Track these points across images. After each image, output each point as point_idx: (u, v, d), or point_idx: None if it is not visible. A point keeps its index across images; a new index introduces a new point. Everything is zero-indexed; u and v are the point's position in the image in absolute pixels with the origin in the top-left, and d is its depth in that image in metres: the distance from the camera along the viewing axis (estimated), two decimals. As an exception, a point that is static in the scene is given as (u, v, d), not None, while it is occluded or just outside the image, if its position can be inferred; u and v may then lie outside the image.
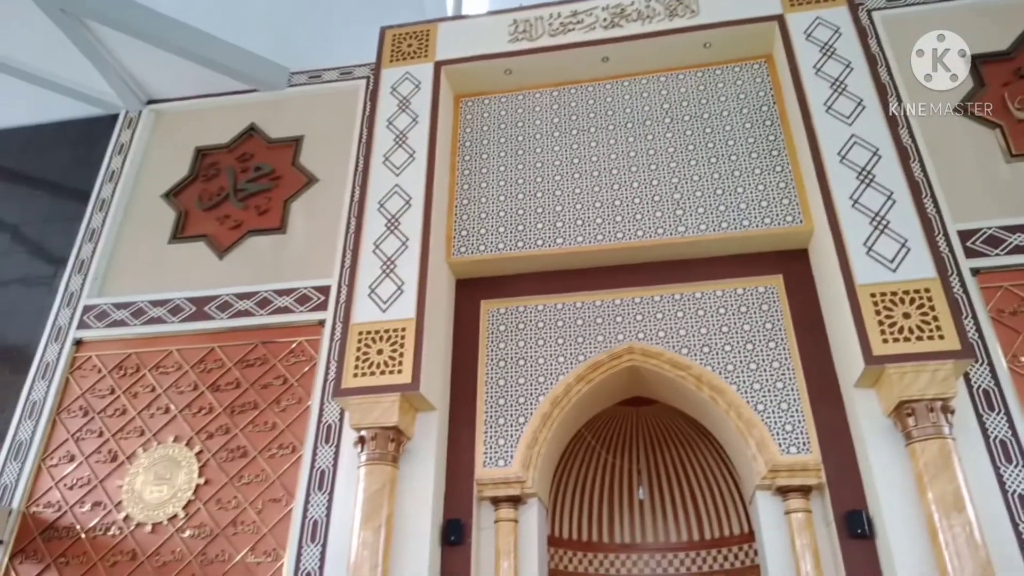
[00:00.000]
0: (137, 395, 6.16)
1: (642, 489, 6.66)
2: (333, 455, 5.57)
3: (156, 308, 6.49)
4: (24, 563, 5.64)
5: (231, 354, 6.22)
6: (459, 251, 6.17)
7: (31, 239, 7.51)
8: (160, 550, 5.49)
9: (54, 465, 6.00)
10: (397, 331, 5.39)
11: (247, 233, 6.85)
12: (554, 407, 5.64)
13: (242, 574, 5.30)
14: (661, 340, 5.71)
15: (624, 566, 6.72)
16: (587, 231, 6.02)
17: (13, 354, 6.70)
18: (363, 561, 4.73)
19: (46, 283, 7.03)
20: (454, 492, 5.48)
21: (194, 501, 5.62)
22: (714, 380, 5.44)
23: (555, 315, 6.02)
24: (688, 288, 5.87)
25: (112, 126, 7.79)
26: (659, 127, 6.38)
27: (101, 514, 5.71)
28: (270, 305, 6.34)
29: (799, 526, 4.91)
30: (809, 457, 5.08)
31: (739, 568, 6.39)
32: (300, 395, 5.94)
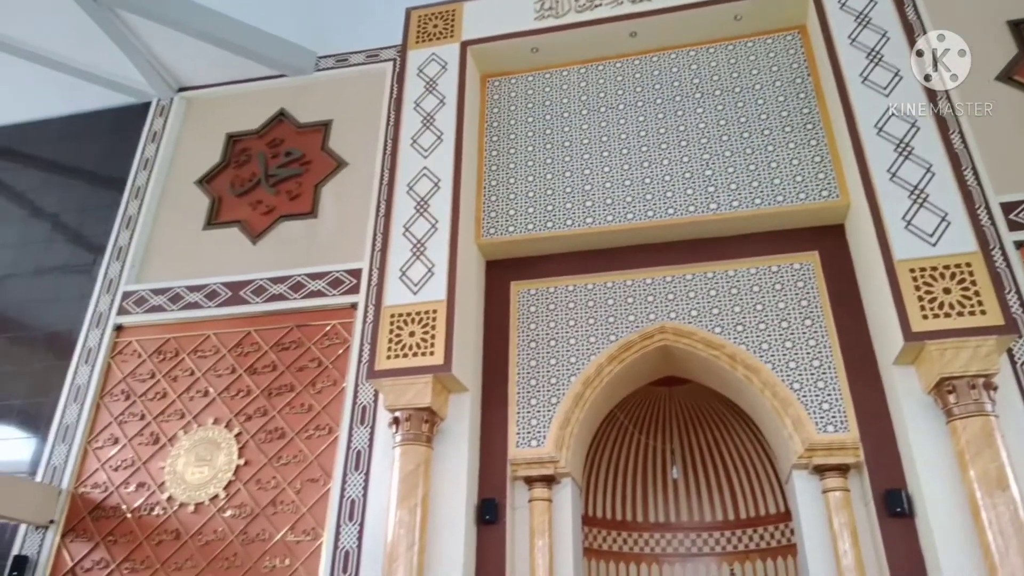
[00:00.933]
0: (177, 379, 6.30)
1: (676, 468, 6.64)
2: (368, 436, 5.65)
3: (193, 293, 6.62)
4: (75, 541, 5.84)
5: (267, 337, 6.32)
6: (488, 232, 6.17)
7: (70, 227, 7.68)
8: (202, 529, 5.64)
9: (99, 447, 6.18)
10: (428, 313, 5.42)
11: (279, 218, 6.93)
12: (586, 387, 5.64)
13: (283, 552, 5.43)
14: (694, 319, 5.66)
15: (659, 545, 6.73)
16: (617, 210, 5.96)
17: (57, 340, 6.89)
18: (400, 540, 4.80)
19: (86, 270, 7.20)
20: (488, 472, 5.52)
21: (234, 482, 5.76)
22: (748, 359, 5.38)
23: (586, 295, 5.99)
24: (721, 266, 5.79)
25: (145, 114, 7.90)
26: (689, 102, 6.27)
27: (145, 495, 5.88)
28: (303, 289, 6.42)
29: (837, 505, 4.86)
30: (847, 435, 5.01)
31: (775, 547, 6.36)
32: (335, 377, 6.02)
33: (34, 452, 6.38)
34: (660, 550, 6.71)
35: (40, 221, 7.78)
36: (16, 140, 8.39)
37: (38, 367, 6.85)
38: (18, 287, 7.42)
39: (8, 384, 6.87)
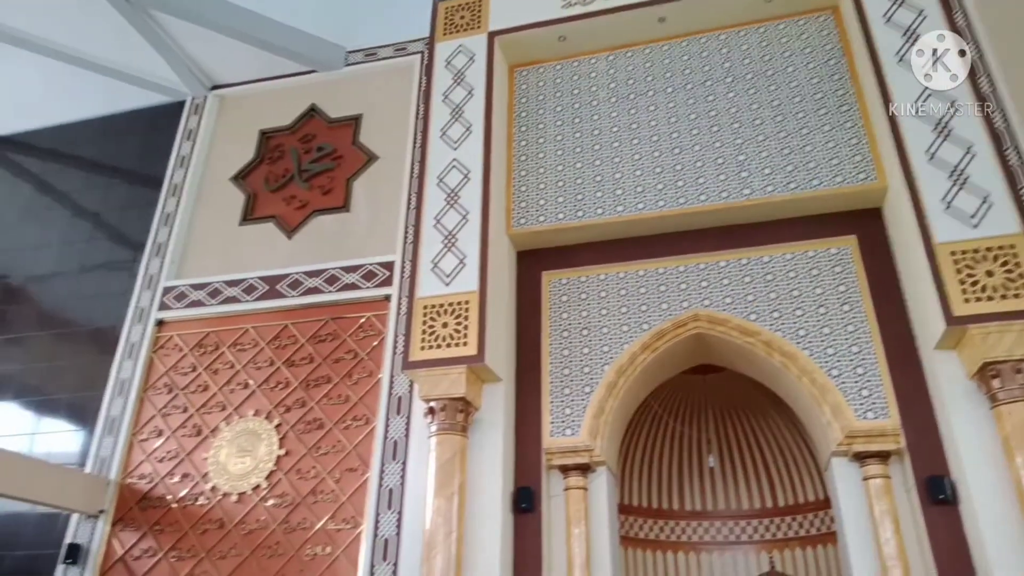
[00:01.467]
0: (217, 371, 6.45)
1: (712, 457, 6.61)
2: (404, 426, 5.72)
3: (231, 288, 6.75)
4: (124, 530, 6.02)
5: (303, 330, 6.43)
6: (519, 223, 6.18)
7: (111, 225, 7.88)
8: (246, 518, 5.78)
9: (144, 439, 6.35)
10: (461, 304, 5.45)
11: (313, 212, 7.02)
12: (619, 376, 5.64)
13: (324, 540, 5.54)
14: (728, 306, 5.61)
15: (696, 533, 6.72)
16: (648, 198, 5.93)
17: (101, 335, 7.09)
18: (438, 528, 4.87)
19: (127, 267, 7.38)
20: (523, 461, 5.56)
21: (275, 471, 5.88)
22: (785, 346, 5.32)
23: (617, 284, 5.98)
24: (755, 252, 5.73)
25: (179, 113, 8.05)
26: (720, 87, 6.19)
27: (190, 485, 6.04)
28: (338, 282, 6.50)
29: (877, 492, 4.80)
30: (887, 422, 4.93)
31: (814, 535, 6.31)
32: (370, 368, 6.10)
33: (83, 444, 6.59)
34: (697, 538, 6.70)
35: (82, 220, 7.99)
36: (59, 141, 8.62)
37: (84, 362, 7.06)
38: (63, 285, 7.64)
39: (56, 379, 7.09)
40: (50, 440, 6.81)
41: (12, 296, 7.80)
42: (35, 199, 8.37)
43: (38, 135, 8.74)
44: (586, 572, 5.17)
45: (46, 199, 8.35)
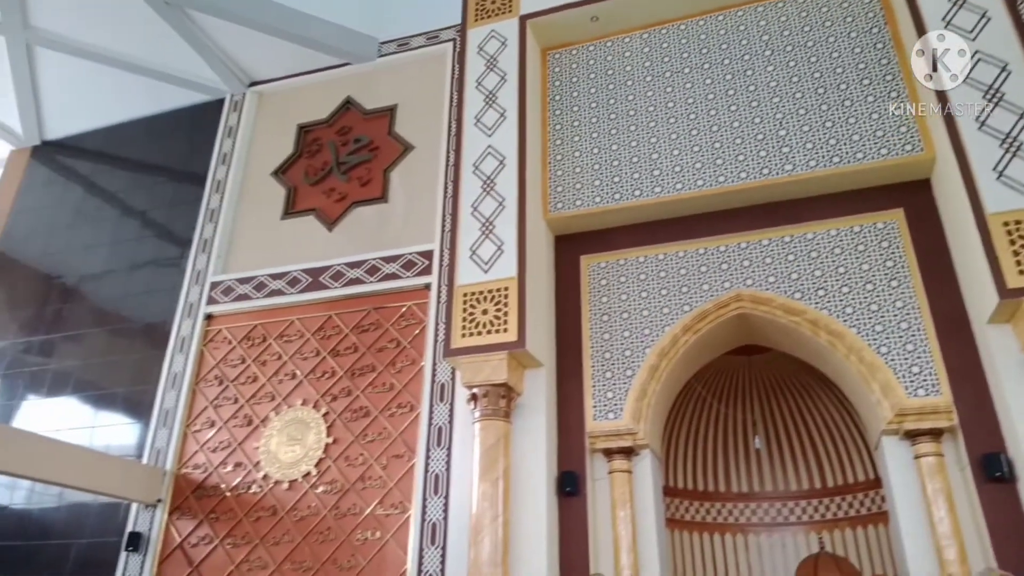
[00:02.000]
0: (265, 363, 6.60)
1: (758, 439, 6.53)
2: (448, 412, 5.78)
3: (276, 281, 6.89)
4: (181, 519, 6.24)
5: (347, 320, 6.53)
6: (556, 207, 6.16)
7: (158, 223, 8.10)
8: (297, 505, 5.93)
9: (197, 430, 6.55)
10: (500, 291, 5.47)
11: (352, 204, 7.11)
12: (661, 359, 5.61)
13: (373, 525, 5.66)
14: (771, 285, 5.52)
15: (743, 515, 6.66)
16: (686, 177, 5.85)
17: (153, 330, 7.31)
18: (484, 512, 4.93)
19: (175, 263, 7.59)
20: (567, 445, 5.58)
21: (324, 459, 6.02)
22: (832, 324, 5.22)
23: (657, 266, 5.93)
24: (799, 229, 5.62)
25: (220, 110, 8.20)
26: (759, 61, 6.06)
27: (242, 474, 6.22)
28: (379, 272, 6.58)
29: (930, 471, 4.69)
30: (939, 399, 4.81)
31: (865, 515, 6.20)
32: (413, 356, 6.18)
33: (139, 436, 6.82)
34: (744, 520, 6.65)
35: (131, 219, 8.23)
36: (106, 143, 8.87)
37: (137, 357, 7.29)
38: (115, 282, 7.89)
39: (112, 373, 7.35)
40: (108, 433, 7.06)
41: (68, 295, 8.09)
42: (85, 200, 8.65)
43: (86, 138, 9.01)
44: (632, 554, 5.19)
45: (96, 200, 8.61)
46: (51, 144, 9.17)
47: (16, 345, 7.98)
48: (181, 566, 6.01)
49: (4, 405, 7.62)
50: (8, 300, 8.35)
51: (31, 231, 8.67)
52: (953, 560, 4.44)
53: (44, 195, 8.88)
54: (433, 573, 5.26)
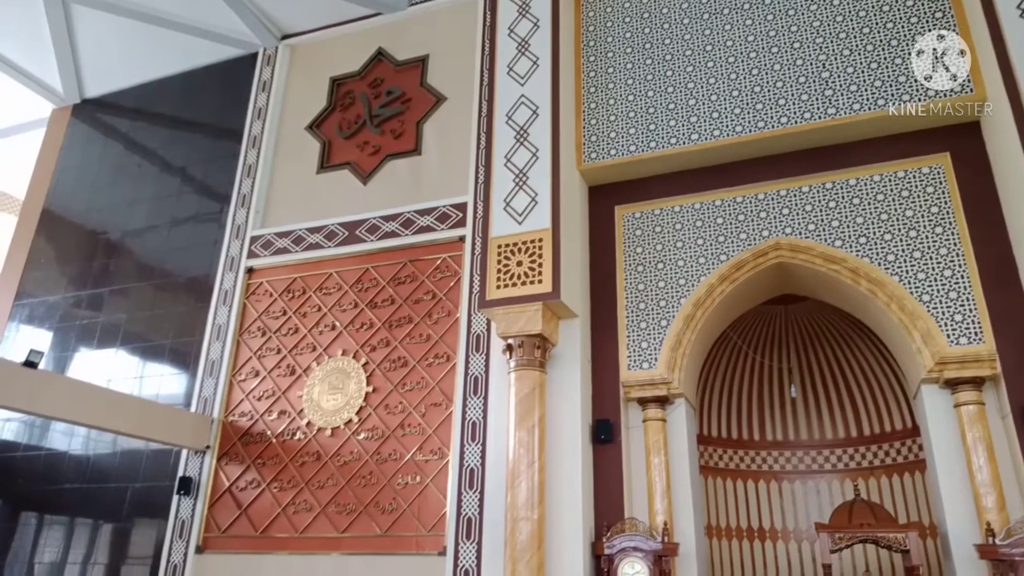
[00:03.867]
0: (306, 315, 6.76)
1: (794, 387, 6.51)
2: (484, 362, 5.87)
3: (313, 235, 6.99)
4: (229, 464, 6.50)
5: (383, 273, 6.62)
6: (590, 157, 6.10)
7: (197, 179, 8.23)
8: (340, 451, 6.13)
9: (242, 380, 6.76)
10: (534, 242, 5.48)
11: (386, 157, 7.13)
12: (697, 309, 5.59)
13: (413, 471, 5.84)
14: (811, 233, 5.43)
15: (776, 462, 6.69)
16: (724, 124, 5.73)
17: (196, 284, 7.51)
18: (520, 458, 5.04)
19: (215, 218, 7.73)
20: (601, 394, 5.64)
21: (365, 407, 6.19)
22: (873, 272, 5.13)
23: (693, 215, 5.86)
24: (840, 175, 5.49)
25: (253, 65, 8.22)
26: (801, 1, 5.83)
27: (287, 421, 6.43)
28: (413, 225, 6.63)
29: (970, 419, 4.65)
30: (982, 347, 4.73)
31: (901, 463, 6.18)
32: (449, 308, 6.26)
33: (186, 386, 7.08)
34: (779, 467, 6.68)
35: (170, 175, 8.37)
36: (143, 100, 8.98)
37: (182, 309, 7.51)
38: (157, 237, 8.08)
39: (158, 326, 7.59)
40: (156, 383, 7.34)
41: (113, 250, 8.32)
42: (126, 157, 8.81)
43: (123, 95, 9.13)
44: (666, 499, 5.27)
45: (135, 157, 8.77)
46: (90, 102, 9.31)
47: (66, 299, 8.27)
48: (230, 508, 6.29)
49: (58, 357, 7.95)
50: (57, 256, 8.62)
51: (75, 188, 8.89)
52: (991, 508, 4.43)
53: (86, 153, 9.07)
54: (472, 516, 5.43)
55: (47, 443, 7.61)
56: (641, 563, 4.86)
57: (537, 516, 4.90)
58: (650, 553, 4.88)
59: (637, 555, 4.88)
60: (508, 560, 4.85)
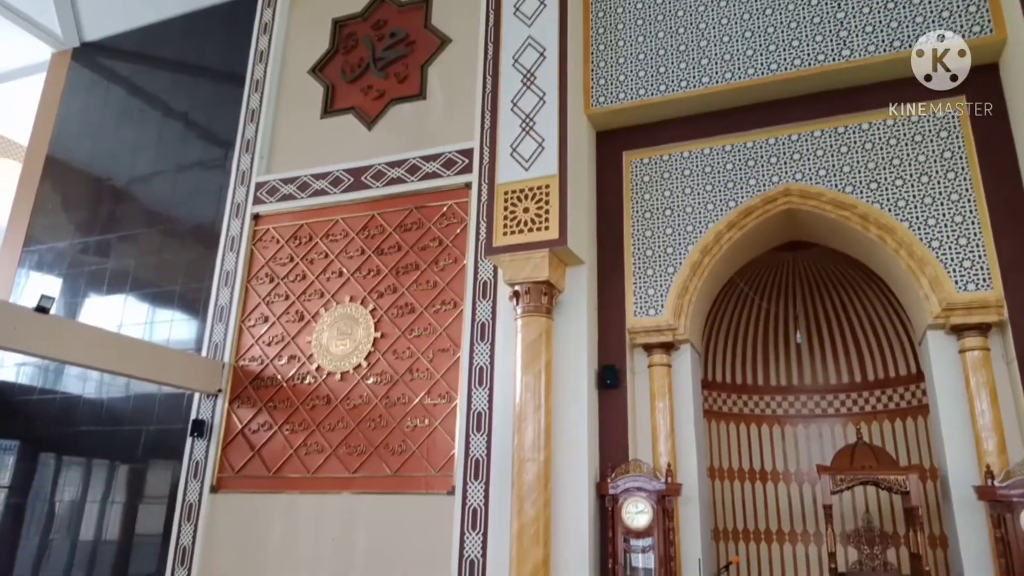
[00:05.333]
0: (313, 261, 6.78)
1: (800, 333, 6.54)
2: (491, 309, 5.91)
3: (318, 181, 6.95)
4: (240, 408, 6.62)
5: (390, 220, 6.61)
6: (598, 102, 6.00)
7: (200, 124, 8.16)
8: (350, 395, 6.24)
9: (252, 326, 6.83)
10: (541, 188, 5.44)
11: (390, 102, 7.03)
12: (704, 256, 5.58)
13: (422, 414, 5.94)
14: (821, 179, 5.37)
15: (780, 407, 6.78)
16: (735, 66, 5.61)
17: (202, 230, 7.52)
18: (527, 402, 5.12)
19: (219, 164, 7.69)
20: (607, 340, 5.69)
21: (373, 352, 6.26)
22: (882, 218, 5.10)
23: (702, 161, 5.79)
24: (853, 119, 5.39)
25: (254, 6, 8.03)
26: (818, -63, 5.63)
27: (297, 366, 6.52)
28: (419, 171, 6.58)
29: (975, 365, 4.68)
30: (990, 294, 4.73)
31: (905, 408, 6.25)
32: (455, 255, 6.27)
33: (196, 331, 7.16)
34: (782, 412, 6.76)
35: (174, 120, 8.29)
36: (143, 43, 8.84)
37: (190, 256, 7.55)
38: (163, 184, 8.06)
39: (167, 272, 7.64)
40: (166, 328, 7.43)
41: (119, 196, 8.31)
42: (128, 102, 8.72)
43: (123, 38, 8.98)
44: (670, 442, 5.37)
45: (138, 102, 8.67)
46: (90, 46, 9.17)
47: (74, 245, 8.31)
48: (243, 450, 6.44)
49: (68, 302, 8.03)
50: (63, 202, 8.63)
51: (78, 134, 8.83)
52: (992, 451, 4.50)
53: (88, 98, 8.97)
54: (479, 457, 5.55)
55: (62, 387, 7.76)
56: (644, 502, 4.98)
57: (543, 458, 5.01)
58: (653, 493, 4.99)
59: (641, 495, 5.00)
60: (515, 499, 4.98)
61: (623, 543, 4.99)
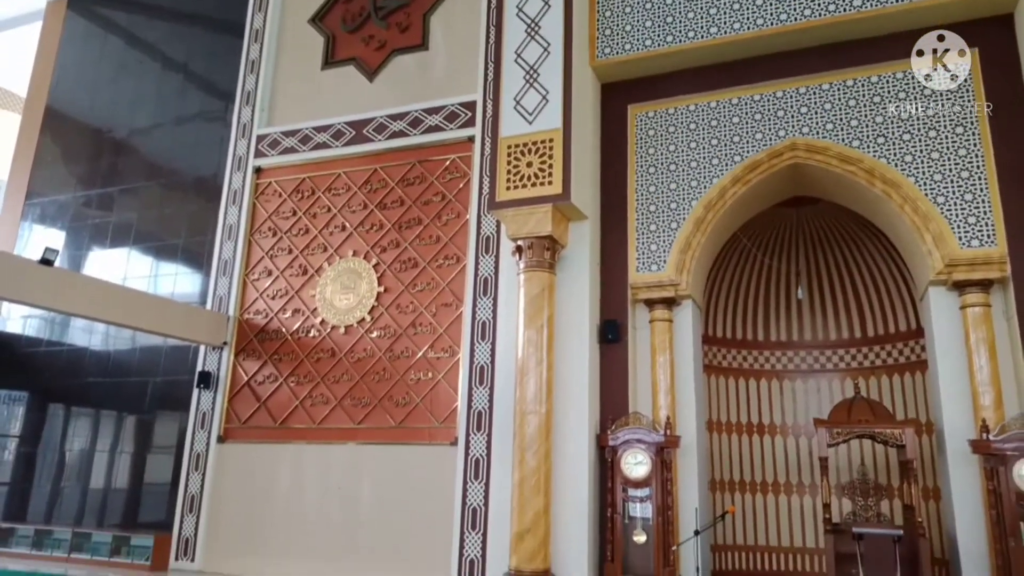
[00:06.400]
0: (316, 215, 6.77)
1: (801, 289, 6.55)
2: (493, 264, 5.92)
3: (320, 134, 6.89)
4: (246, 360, 6.69)
5: (392, 174, 6.57)
6: (603, 53, 5.90)
7: (200, 75, 8.05)
8: (354, 348, 6.29)
9: (256, 279, 6.86)
10: (545, 142, 5.40)
11: (392, 53, 6.92)
12: (708, 211, 5.56)
13: (425, 367, 6.01)
14: (829, 133, 5.31)
15: (779, 362, 6.83)
16: (744, 16, 5.49)
17: (204, 184, 7.50)
18: (529, 356, 5.17)
19: (220, 117, 7.61)
20: (609, 295, 5.71)
21: (377, 307, 6.30)
22: (888, 173, 5.05)
23: (708, 115, 5.73)
24: (863, 72, 5.31)
25: (251, -50, 7.84)
26: None
27: (301, 319, 6.57)
28: (421, 124, 6.51)
29: (975, 321, 4.71)
30: (993, 250, 4.72)
31: (903, 363, 6.30)
32: (458, 209, 6.25)
33: (200, 285, 7.20)
34: (782, 367, 6.82)
35: (173, 72, 8.18)
36: (139, -10, 8.66)
37: (192, 209, 7.53)
38: (163, 136, 8.00)
39: (169, 225, 7.64)
40: (170, 281, 7.47)
41: (119, 149, 8.25)
42: (126, 53, 8.59)
43: (119, -15, 8.80)
44: (670, 396, 5.44)
45: (136, 52, 8.54)
46: (86, -7, 8.98)
47: (77, 198, 8.29)
48: (249, 401, 6.54)
49: (72, 255, 8.06)
50: (64, 155, 8.57)
51: (77, 85, 8.72)
52: (988, 406, 4.56)
53: (85, 48, 8.84)
54: (482, 410, 5.64)
55: (68, 339, 7.84)
56: (643, 454, 5.07)
57: (545, 410, 5.08)
58: (652, 445, 5.08)
59: (640, 446, 5.09)
60: (516, 450, 5.07)
61: (622, 493, 5.10)
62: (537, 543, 4.87)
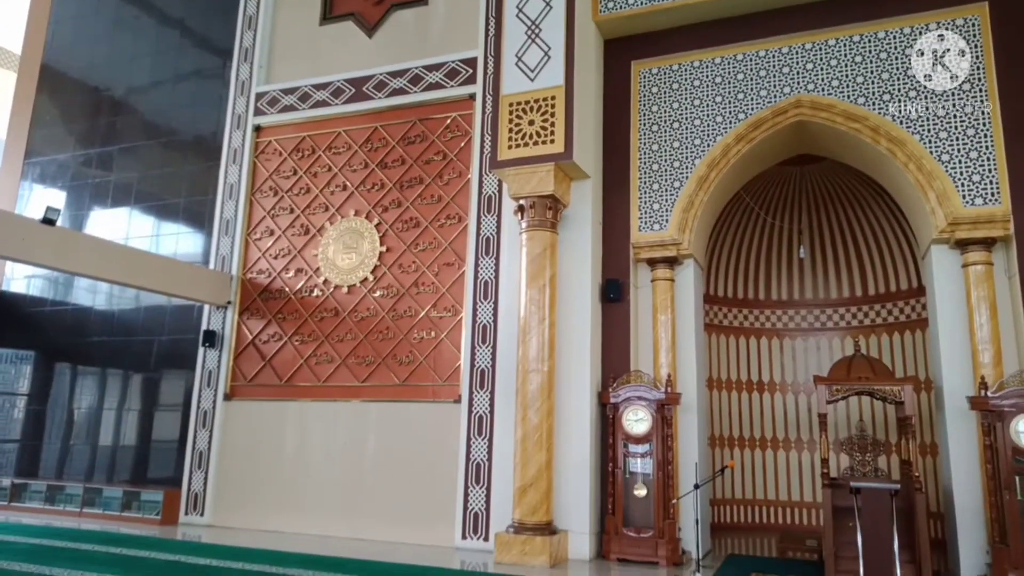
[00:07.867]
0: (317, 175, 6.73)
1: (803, 248, 6.56)
2: (496, 223, 5.91)
3: (319, 92, 6.81)
4: (250, 319, 6.73)
5: (393, 132, 6.52)
6: (607, 7, 5.79)
7: (197, 32, 7.91)
8: (357, 307, 6.33)
9: (258, 239, 6.86)
10: (547, 100, 5.35)
11: (391, 7, 6.79)
12: (711, 170, 5.53)
13: (428, 326, 6.05)
14: (834, 90, 5.25)
15: (780, 320, 6.88)
16: (751, -30, 5.38)
17: (203, 143, 7.43)
18: (532, 315, 5.21)
19: (218, 74, 7.51)
20: (611, 255, 5.72)
21: (380, 266, 6.31)
22: (893, 131, 5.01)
23: (712, 71, 5.65)
24: (870, 27, 5.22)
25: (246, -97, 7.64)
26: None
27: (304, 279, 6.59)
28: (422, 82, 6.43)
29: (977, 279, 4.72)
30: (997, 208, 4.71)
31: (903, 322, 6.34)
32: (460, 169, 6.21)
33: (203, 244, 7.20)
34: (782, 325, 6.87)
35: (169, 28, 8.04)
36: (132, -56, 8.46)
37: (192, 168, 7.49)
38: (162, 94, 7.90)
39: (170, 185, 7.60)
40: (172, 241, 7.46)
41: (118, 108, 8.16)
42: (122, 9, 8.43)
43: (112, -62, 8.59)
44: (671, 354, 5.49)
45: (132, 8, 8.39)
46: (78, -54, 8.77)
47: (76, 158, 8.24)
48: (255, 360, 6.60)
49: (74, 215, 8.04)
50: (62, 114, 8.49)
51: (73, 42, 8.59)
52: (988, 363, 4.61)
53: (80, 3, 8.67)
54: (485, 368, 5.69)
55: (72, 299, 7.88)
56: (644, 411, 5.14)
57: (547, 368, 5.13)
58: (653, 402, 5.14)
59: (641, 403, 5.16)
60: (519, 407, 5.14)
61: (623, 448, 5.19)
62: (540, 497, 4.98)
